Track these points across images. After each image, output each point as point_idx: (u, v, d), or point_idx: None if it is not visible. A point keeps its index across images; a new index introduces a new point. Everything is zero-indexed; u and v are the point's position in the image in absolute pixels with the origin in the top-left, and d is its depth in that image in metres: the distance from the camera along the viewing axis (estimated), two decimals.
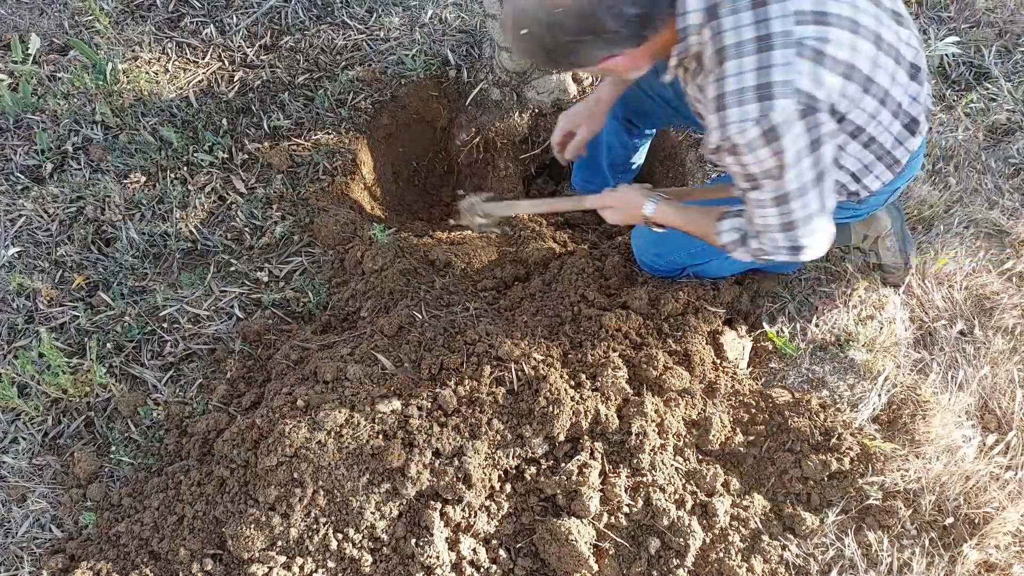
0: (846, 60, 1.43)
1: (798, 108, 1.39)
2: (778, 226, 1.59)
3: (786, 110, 1.39)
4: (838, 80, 1.43)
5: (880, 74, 1.52)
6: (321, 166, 2.57)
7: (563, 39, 1.44)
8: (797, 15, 1.38)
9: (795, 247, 1.62)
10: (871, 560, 1.80)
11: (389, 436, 1.79)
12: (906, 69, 1.60)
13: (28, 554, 1.87)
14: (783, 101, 1.38)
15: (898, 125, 1.65)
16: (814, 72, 1.39)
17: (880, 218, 2.17)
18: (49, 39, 2.81)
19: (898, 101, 1.60)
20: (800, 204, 1.53)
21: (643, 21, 1.43)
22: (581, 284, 2.17)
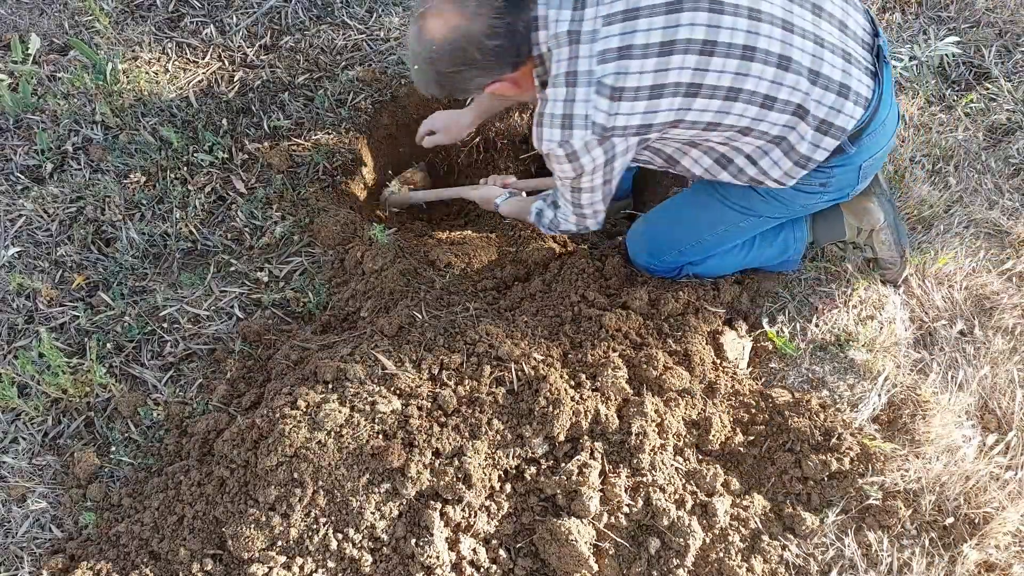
0: (650, 84, 1.61)
1: (595, 137, 1.67)
2: (570, 207, 2.00)
3: (584, 139, 1.67)
4: (642, 104, 1.64)
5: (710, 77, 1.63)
6: (321, 166, 2.58)
7: (445, 71, 1.69)
8: (601, 54, 1.60)
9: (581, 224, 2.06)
10: (871, 560, 1.80)
11: (389, 436, 1.79)
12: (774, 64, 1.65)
13: (28, 554, 1.87)
14: (580, 132, 1.66)
15: (776, 114, 1.70)
16: (611, 107, 1.63)
17: (872, 211, 2.17)
18: (49, 39, 2.81)
19: (763, 94, 1.67)
20: (588, 199, 1.92)
21: (507, 51, 1.66)
22: (581, 284, 2.17)
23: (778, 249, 2.22)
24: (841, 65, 1.70)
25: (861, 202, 2.17)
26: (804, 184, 1.90)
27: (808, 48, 1.66)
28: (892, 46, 2.83)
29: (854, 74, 1.72)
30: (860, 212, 2.18)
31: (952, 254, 2.32)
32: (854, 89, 1.72)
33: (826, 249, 2.35)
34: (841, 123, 1.73)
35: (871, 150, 1.85)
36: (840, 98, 1.71)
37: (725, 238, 2.12)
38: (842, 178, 1.90)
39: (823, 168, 1.84)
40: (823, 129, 1.73)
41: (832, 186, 1.91)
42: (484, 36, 1.62)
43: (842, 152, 1.80)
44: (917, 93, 2.73)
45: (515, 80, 1.75)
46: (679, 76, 1.61)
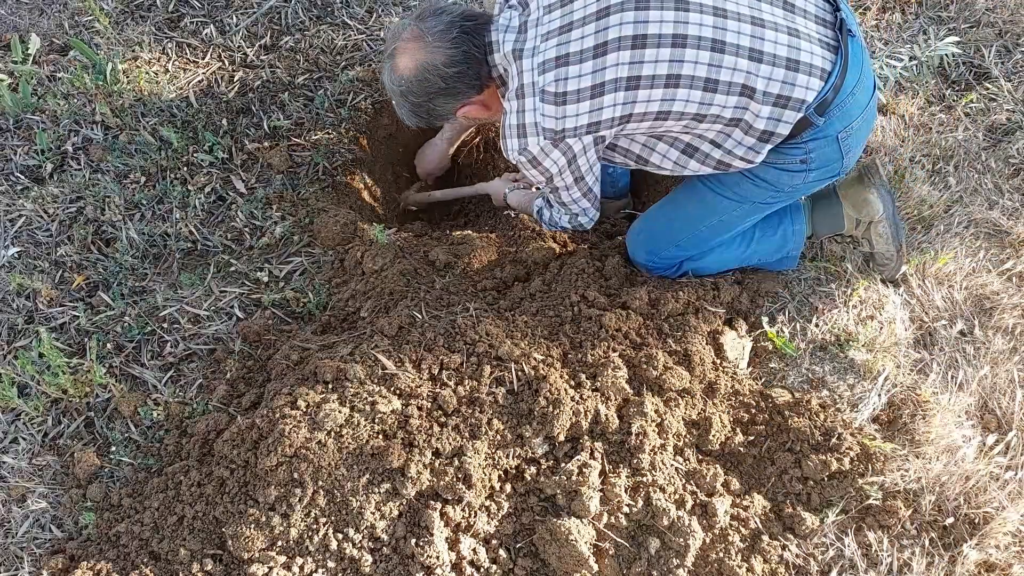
0: (589, 84, 1.72)
1: (548, 141, 1.79)
2: (557, 203, 2.10)
3: (539, 144, 1.80)
4: (586, 104, 1.74)
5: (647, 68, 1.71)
6: (321, 166, 2.58)
7: (417, 101, 1.92)
8: (540, 66, 1.75)
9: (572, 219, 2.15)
10: (871, 560, 1.80)
11: (389, 436, 1.79)
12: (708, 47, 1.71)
13: (28, 554, 1.87)
14: (534, 138, 1.79)
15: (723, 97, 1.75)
16: (557, 111, 1.75)
17: (872, 203, 2.17)
18: (49, 39, 2.81)
19: (692, 75, 1.72)
20: (568, 197, 2.01)
21: (468, 75, 1.86)
22: (581, 284, 2.17)
23: (777, 243, 2.22)
24: (786, 41, 1.74)
25: (861, 193, 2.18)
26: (782, 162, 1.90)
27: (745, 30, 1.72)
28: (892, 46, 2.83)
29: (804, 47, 1.75)
30: (859, 203, 2.18)
31: (952, 254, 2.32)
32: (805, 62, 1.75)
33: (826, 249, 2.35)
34: (798, 95, 1.75)
35: (844, 120, 1.85)
36: (791, 72, 1.74)
37: (720, 229, 2.12)
38: (822, 152, 1.89)
39: (796, 143, 1.85)
40: (781, 103, 1.76)
41: (814, 162, 1.91)
42: (444, 65, 1.83)
43: (811, 125, 1.81)
44: (917, 93, 2.73)
45: (483, 102, 1.96)
46: (616, 72, 1.72)
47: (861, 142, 1.98)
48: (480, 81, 1.89)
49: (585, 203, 2.07)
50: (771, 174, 1.95)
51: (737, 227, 2.14)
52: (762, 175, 1.96)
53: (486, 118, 2.06)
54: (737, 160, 1.89)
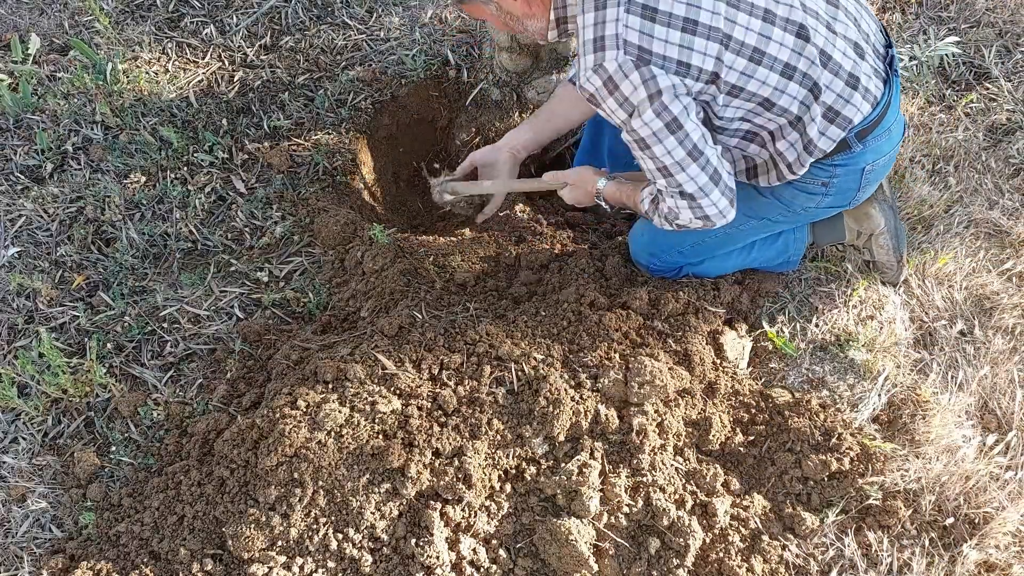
0: (683, 15, 1.54)
1: (629, 58, 1.54)
2: (655, 171, 1.72)
3: (617, 60, 1.54)
4: (676, 34, 1.55)
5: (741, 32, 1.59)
6: (321, 166, 2.57)
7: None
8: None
9: (682, 193, 1.74)
10: (871, 560, 1.80)
11: (389, 436, 1.79)
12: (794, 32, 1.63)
13: (28, 554, 1.87)
14: (612, 52, 1.54)
15: (795, 87, 1.67)
16: (644, 25, 1.53)
17: (873, 216, 2.17)
18: (49, 39, 2.81)
19: (784, 62, 1.64)
20: (662, 150, 1.66)
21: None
22: (581, 284, 2.17)
23: (778, 249, 2.22)
24: (853, 56, 1.70)
25: (862, 207, 2.17)
26: (806, 182, 1.90)
27: (821, 31, 1.67)
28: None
29: (864, 69, 1.72)
30: (861, 216, 2.18)
31: (952, 254, 2.32)
32: (863, 84, 1.72)
33: (826, 249, 2.35)
34: (848, 113, 1.73)
35: (875, 153, 1.85)
36: (849, 88, 1.71)
37: (725, 242, 2.12)
38: (844, 180, 1.90)
39: (825, 164, 1.84)
40: (829, 116, 1.73)
41: (833, 187, 1.91)
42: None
43: (847, 148, 1.80)
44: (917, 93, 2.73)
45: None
46: (712, 20, 1.57)
47: (878, 179, 1.99)
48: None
49: (700, 176, 1.69)
50: (788, 192, 1.94)
51: (740, 242, 2.14)
52: (780, 193, 1.95)
53: (519, 19, 1.81)
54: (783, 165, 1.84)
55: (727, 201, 1.76)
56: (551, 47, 2.61)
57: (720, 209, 1.77)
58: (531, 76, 2.71)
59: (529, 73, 2.70)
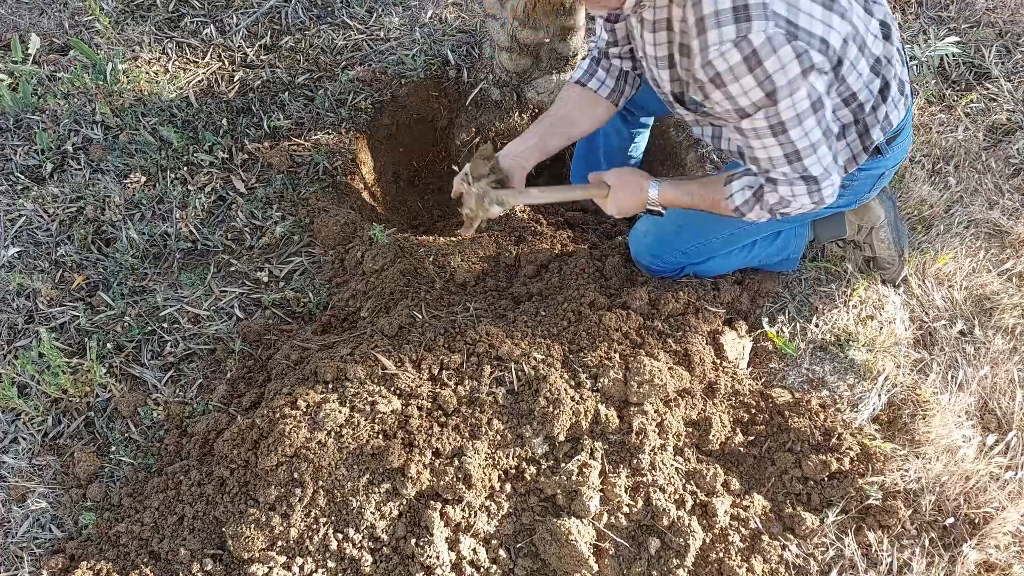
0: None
1: (779, 31, 1.35)
2: (783, 157, 1.54)
3: (765, 32, 1.34)
4: (819, 9, 1.38)
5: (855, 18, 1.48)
6: (321, 166, 2.58)
7: None
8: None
9: (806, 178, 1.57)
10: (871, 560, 1.80)
11: (389, 436, 1.79)
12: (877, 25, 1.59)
13: (28, 554, 1.87)
14: (760, 23, 1.34)
15: (876, 84, 1.62)
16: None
17: (873, 208, 2.17)
18: (49, 39, 2.81)
19: (875, 55, 1.58)
20: (801, 132, 1.48)
21: None
22: (581, 284, 2.17)
23: (778, 248, 2.22)
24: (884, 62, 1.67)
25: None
26: None
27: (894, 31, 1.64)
28: None
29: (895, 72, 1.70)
30: (861, 209, 2.18)
31: (952, 254, 2.32)
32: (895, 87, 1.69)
33: (826, 249, 2.35)
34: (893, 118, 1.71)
35: (895, 159, 1.87)
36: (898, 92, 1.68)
37: (731, 241, 2.12)
38: (862, 183, 1.91)
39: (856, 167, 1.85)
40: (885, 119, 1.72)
41: (850, 190, 1.91)
42: None
43: (879, 153, 1.79)
44: (917, 93, 2.73)
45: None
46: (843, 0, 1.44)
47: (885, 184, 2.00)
48: None
49: (827, 156, 1.54)
50: None
51: (745, 241, 2.13)
52: None
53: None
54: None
55: (840, 180, 1.65)
56: (551, 47, 2.61)
57: (835, 190, 1.64)
58: (531, 76, 2.71)
59: (529, 73, 2.71)
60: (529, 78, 2.72)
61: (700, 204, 1.87)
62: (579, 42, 2.67)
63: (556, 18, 2.50)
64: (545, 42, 2.58)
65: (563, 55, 2.66)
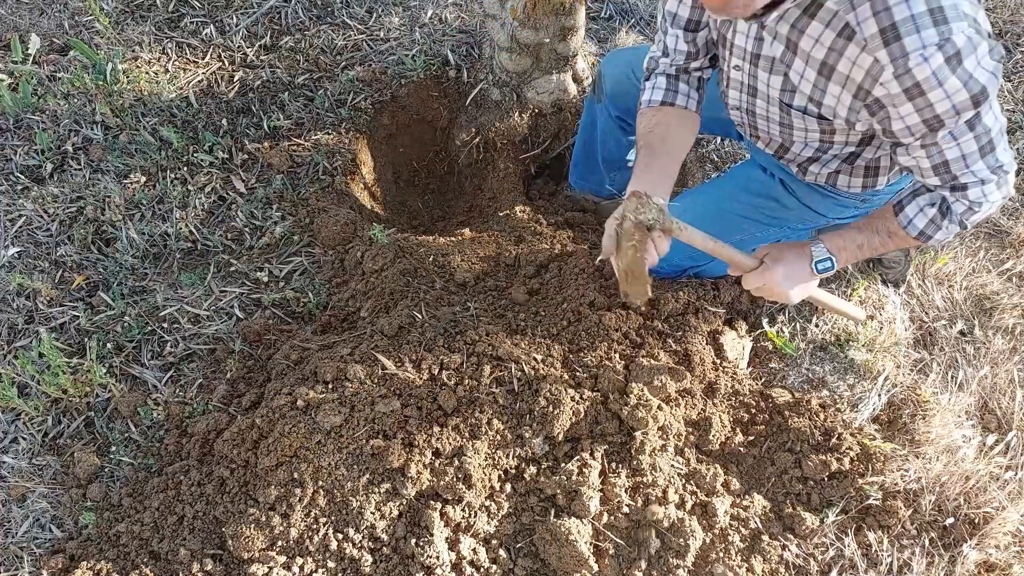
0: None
1: (973, 29, 1.33)
2: (977, 152, 1.48)
3: (965, 33, 1.31)
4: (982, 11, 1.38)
5: None
6: (321, 166, 2.58)
7: None
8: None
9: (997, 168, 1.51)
10: (871, 560, 1.80)
11: (389, 436, 1.79)
12: None
13: (28, 554, 1.87)
14: (959, 24, 1.31)
15: None
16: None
17: None
18: (49, 39, 2.81)
19: None
20: (991, 119, 1.44)
21: None
22: (581, 284, 2.17)
23: None
24: None
25: None
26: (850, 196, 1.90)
27: None
28: None
29: None
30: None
31: (952, 254, 2.32)
32: None
33: None
34: None
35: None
36: None
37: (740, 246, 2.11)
38: (881, 198, 1.91)
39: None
40: None
41: (868, 204, 1.92)
42: None
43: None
44: None
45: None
46: None
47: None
48: None
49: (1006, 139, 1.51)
50: (827, 203, 1.93)
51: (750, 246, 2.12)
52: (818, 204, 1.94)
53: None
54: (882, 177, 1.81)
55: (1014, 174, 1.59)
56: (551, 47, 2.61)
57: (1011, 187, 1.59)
58: (531, 76, 2.71)
59: (529, 73, 2.71)
60: (529, 78, 2.72)
61: (876, 247, 1.76)
62: (579, 42, 2.67)
63: (556, 18, 2.50)
64: (545, 42, 2.58)
65: (563, 55, 2.67)
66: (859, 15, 1.36)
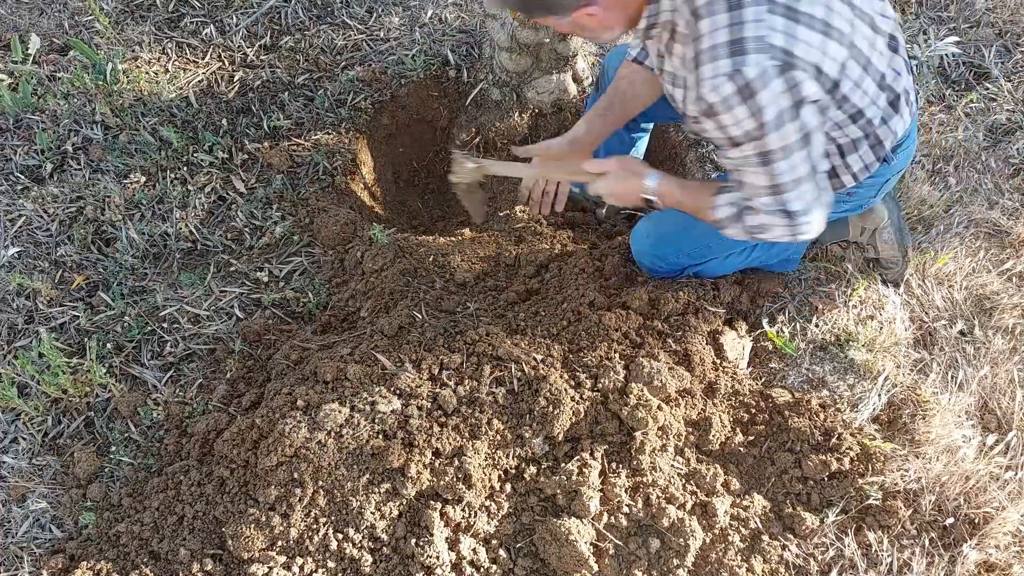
0: (823, 18, 1.43)
1: (773, 64, 1.39)
2: (766, 188, 1.57)
3: (760, 65, 1.38)
4: (817, 36, 1.43)
5: (859, 38, 1.51)
6: (321, 166, 2.58)
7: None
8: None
9: (786, 212, 1.60)
10: (871, 560, 1.80)
11: (389, 436, 1.79)
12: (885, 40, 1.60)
13: (28, 554, 1.87)
14: (755, 56, 1.39)
15: (883, 99, 1.64)
16: (788, 28, 1.40)
17: (877, 211, 2.17)
18: (49, 39, 2.81)
19: (881, 72, 1.61)
20: (787, 166, 1.52)
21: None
22: (581, 284, 2.17)
23: (778, 250, 2.22)
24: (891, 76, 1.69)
25: None
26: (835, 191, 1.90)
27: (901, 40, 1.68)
28: None
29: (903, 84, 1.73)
30: (865, 212, 2.18)
31: (952, 254, 2.32)
32: (903, 98, 1.72)
33: (827, 249, 2.35)
34: (896, 127, 1.73)
35: (899, 166, 1.87)
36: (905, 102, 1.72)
37: (730, 245, 2.11)
38: (867, 190, 1.91)
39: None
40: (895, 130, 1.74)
41: (856, 196, 1.93)
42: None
43: (885, 161, 1.80)
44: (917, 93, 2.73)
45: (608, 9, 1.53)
46: (842, 25, 1.48)
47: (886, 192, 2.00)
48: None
49: (811, 192, 1.56)
50: None
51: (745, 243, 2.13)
52: None
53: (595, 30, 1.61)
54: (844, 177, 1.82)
55: (823, 218, 1.65)
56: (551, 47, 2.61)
57: (816, 227, 1.66)
58: (531, 76, 2.71)
59: (529, 73, 2.71)
60: (529, 78, 2.72)
61: (688, 205, 1.88)
62: (579, 42, 2.67)
63: None
64: (545, 42, 2.58)
65: (563, 55, 2.67)
66: (689, 40, 1.48)
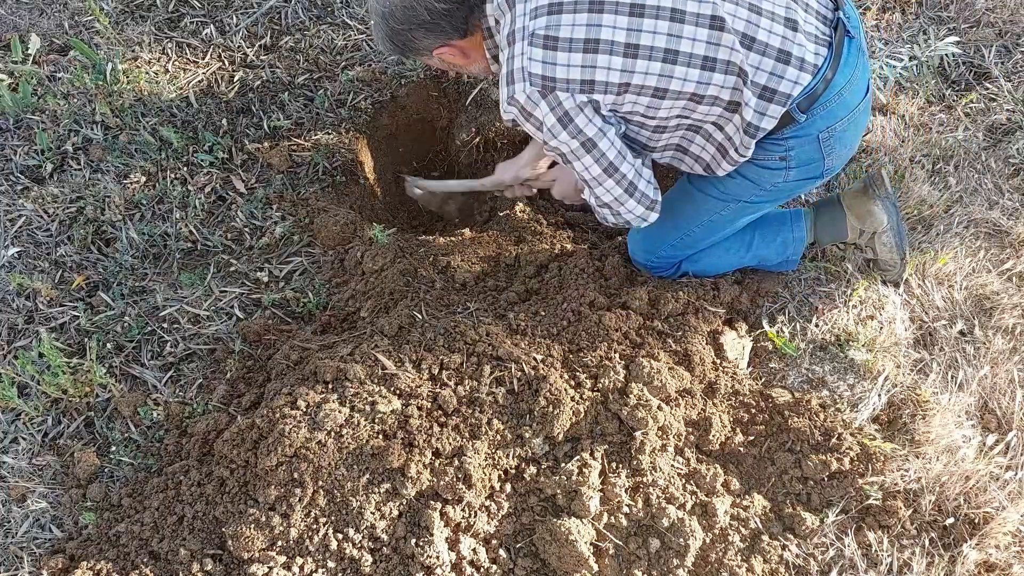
0: (583, 37, 1.66)
1: (534, 88, 1.68)
2: (581, 181, 1.88)
3: (525, 91, 1.69)
4: (578, 56, 1.66)
5: (644, 37, 1.67)
6: (321, 166, 2.58)
7: (396, 28, 1.81)
8: (533, 11, 1.68)
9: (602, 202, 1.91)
10: (871, 560, 1.80)
11: (389, 436, 1.79)
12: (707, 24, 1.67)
13: (28, 554, 1.87)
14: (521, 84, 1.69)
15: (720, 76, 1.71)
16: (545, 56, 1.66)
17: (876, 214, 2.17)
18: (49, 39, 2.81)
19: (701, 55, 1.69)
20: (581, 166, 1.82)
21: (455, 16, 1.78)
22: (581, 284, 2.17)
23: (777, 249, 2.22)
24: (781, 32, 1.71)
25: (865, 204, 2.17)
26: (762, 159, 1.89)
27: (742, 14, 1.70)
28: (892, 46, 2.83)
29: (798, 40, 1.73)
30: (864, 214, 2.17)
31: (952, 254, 2.32)
32: (796, 55, 1.72)
33: (826, 249, 2.35)
34: (784, 89, 1.73)
35: (827, 120, 1.83)
36: (780, 64, 1.72)
37: (712, 229, 2.11)
38: (801, 151, 1.88)
39: (776, 139, 1.84)
40: (767, 96, 1.74)
41: (793, 160, 1.89)
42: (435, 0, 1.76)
43: (793, 121, 1.79)
44: (917, 93, 2.73)
45: (463, 48, 1.87)
46: (613, 35, 1.66)
47: (847, 145, 1.95)
48: (467, 26, 1.82)
49: (615, 188, 1.87)
50: (752, 171, 1.94)
51: (728, 227, 2.13)
52: (744, 172, 1.95)
53: (461, 66, 1.96)
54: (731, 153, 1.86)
55: (643, 208, 1.92)
56: None
57: (638, 215, 1.93)
58: None
59: None
60: None
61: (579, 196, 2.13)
62: None
63: None
64: None
65: None
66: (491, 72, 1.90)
